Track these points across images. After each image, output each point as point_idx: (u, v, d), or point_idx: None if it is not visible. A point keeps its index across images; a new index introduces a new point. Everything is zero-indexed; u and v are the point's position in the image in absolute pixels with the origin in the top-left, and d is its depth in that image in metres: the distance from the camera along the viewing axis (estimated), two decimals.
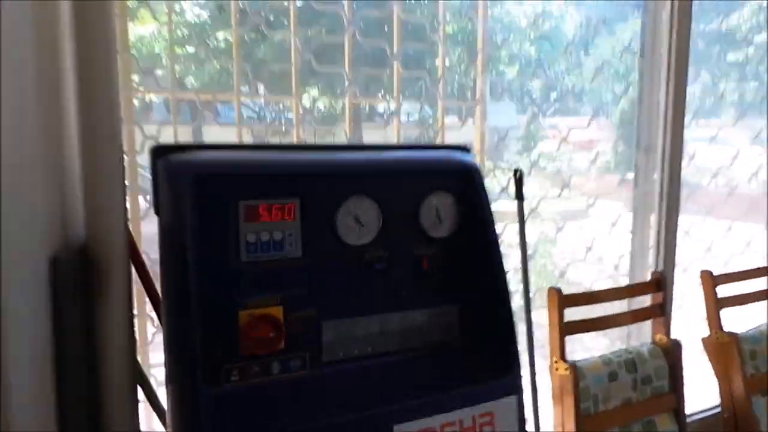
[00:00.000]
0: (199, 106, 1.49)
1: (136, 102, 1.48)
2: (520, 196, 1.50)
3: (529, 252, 1.55)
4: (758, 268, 2.06)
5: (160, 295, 0.78)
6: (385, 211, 0.84)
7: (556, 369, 1.62)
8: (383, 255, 0.85)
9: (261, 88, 1.69)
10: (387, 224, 0.85)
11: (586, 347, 1.83)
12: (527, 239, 1.50)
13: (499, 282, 0.87)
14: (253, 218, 0.77)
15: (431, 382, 0.82)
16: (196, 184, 0.72)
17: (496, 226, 0.89)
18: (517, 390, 0.83)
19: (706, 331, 1.99)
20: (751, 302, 2.03)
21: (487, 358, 0.87)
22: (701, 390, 2.07)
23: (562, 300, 1.62)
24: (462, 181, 0.89)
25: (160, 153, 0.76)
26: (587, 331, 1.68)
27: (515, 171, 1.47)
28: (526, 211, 1.52)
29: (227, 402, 0.75)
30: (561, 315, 1.62)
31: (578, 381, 1.61)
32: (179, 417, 0.73)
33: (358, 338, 0.85)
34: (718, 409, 2.14)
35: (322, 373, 0.83)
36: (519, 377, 0.84)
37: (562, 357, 1.62)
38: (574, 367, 1.60)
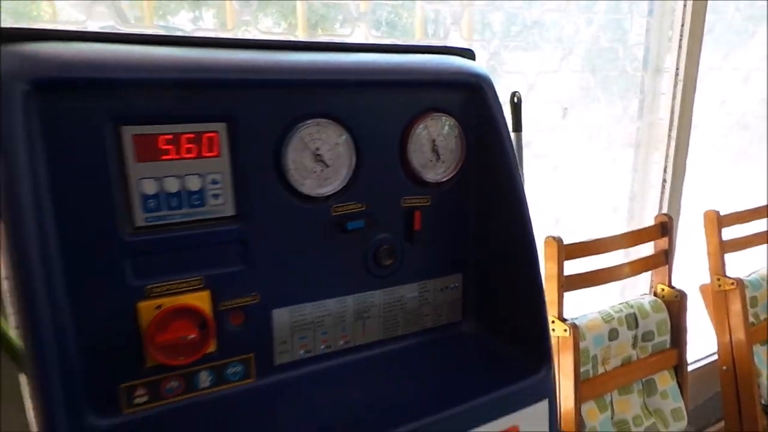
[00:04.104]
0: None
1: None
2: (518, 126, 1.23)
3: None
4: (766, 206, 1.89)
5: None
6: (360, 142, 0.57)
7: (554, 330, 1.42)
8: (359, 209, 0.58)
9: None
10: (363, 163, 0.57)
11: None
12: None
13: (524, 239, 0.61)
14: (151, 155, 0.48)
15: (433, 386, 0.58)
16: (40, 95, 0.42)
17: (517, 162, 0.62)
18: (549, 391, 0.60)
19: (695, 280, 1.83)
20: (756, 245, 1.87)
21: (507, 345, 0.63)
22: (693, 339, 1.93)
23: (562, 250, 1.40)
24: (468, 98, 0.61)
25: None
26: (588, 285, 1.47)
27: (512, 94, 1.19)
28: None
29: None
30: (561, 268, 1.40)
31: (578, 342, 1.42)
32: None
33: (326, 328, 0.59)
34: (709, 360, 2.03)
35: (276, 382, 0.57)
36: (551, 373, 0.60)
37: (561, 316, 1.42)
38: (574, 327, 1.40)
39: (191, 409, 0.53)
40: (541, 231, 1.45)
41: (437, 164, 0.62)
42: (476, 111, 0.62)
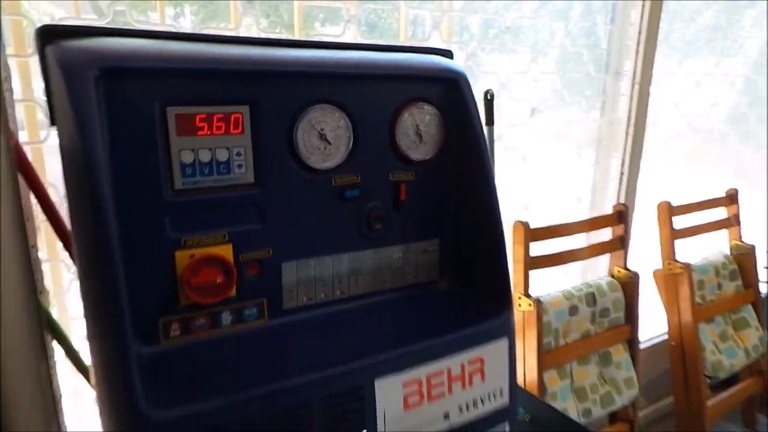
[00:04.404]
0: None
1: None
2: (490, 120, 1.36)
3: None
4: (713, 199, 2.07)
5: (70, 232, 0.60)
6: (357, 125, 0.68)
7: (520, 305, 1.56)
8: (355, 181, 0.70)
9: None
10: (359, 142, 0.69)
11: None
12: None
13: (491, 212, 0.74)
14: (189, 131, 0.59)
15: (413, 327, 0.70)
16: (105, 81, 0.53)
17: (487, 148, 0.75)
18: (509, 331, 0.73)
19: (649, 265, 2.00)
20: (704, 233, 2.05)
21: (475, 298, 0.76)
22: (646, 320, 2.10)
23: (528, 233, 1.54)
24: (447, 91, 0.74)
25: (50, 36, 0.55)
26: (551, 265, 1.62)
27: (486, 91, 1.33)
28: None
29: (166, 362, 0.60)
30: (527, 249, 1.55)
31: (541, 316, 1.57)
32: (106, 381, 0.57)
33: (325, 280, 0.71)
34: (661, 339, 2.21)
35: (284, 323, 0.69)
36: (511, 317, 0.73)
37: (526, 292, 1.57)
38: (538, 302, 1.55)
39: (215, 342, 0.64)
40: (510, 216, 1.59)
41: (420, 146, 0.74)
42: (454, 102, 0.74)
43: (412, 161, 0.73)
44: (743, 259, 2.12)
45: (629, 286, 1.76)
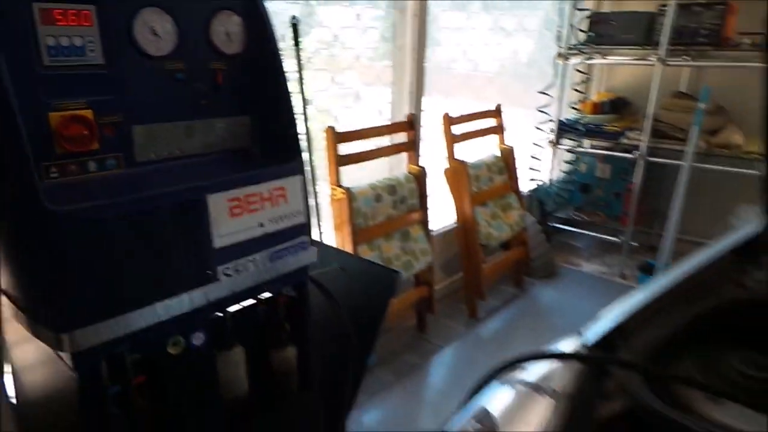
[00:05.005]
0: None
1: None
2: (296, 42, 1.68)
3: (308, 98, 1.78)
4: (482, 111, 2.66)
5: None
6: (179, 25, 0.95)
7: (334, 194, 1.96)
8: (182, 66, 0.98)
9: None
10: (182, 38, 0.96)
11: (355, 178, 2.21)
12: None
13: (284, 96, 1.07)
14: (50, 21, 0.81)
15: (234, 167, 1.02)
16: None
17: (279, 48, 1.07)
18: (300, 172, 1.08)
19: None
20: (478, 137, 2.64)
21: (277, 152, 1.10)
22: (444, 211, 2.68)
23: (336, 136, 1.92)
24: (247, 5, 1.03)
25: None
26: (358, 161, 2.04)
27: (291, 17, 1.64)
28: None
29: (53, 191, 0.84)
30: (335, 148, 1.93)
31: (352, 202, 1.98)
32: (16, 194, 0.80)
33: (166, 141, 0.99)
34: (454, 226, 2.82)
35: (138, 171, 0.95)
36: (301, 164, 1.08)
37: (338, 183, 1.96)
38: (348, 191, 1.96)
39: (83, 183, 0.89)
40: (323, 125, 1.95)
41: (230, 43, 1.03)
42: (252, 12, 1.04)
43: (225, 54, 1.03)
44: (507, 158, 2.78)
45: (420, 178, 2.27)
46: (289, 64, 1.82)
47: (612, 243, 3.26)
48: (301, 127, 1.82)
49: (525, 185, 3.21)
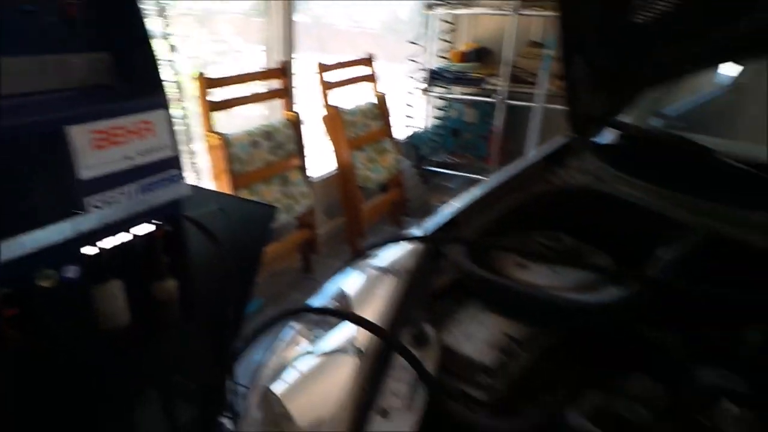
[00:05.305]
0: None
1: None
2: None
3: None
4: (355, 60, 2.75)
5: None
6: None
7: (209, 140, 1.96)
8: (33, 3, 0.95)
9: None
10: None
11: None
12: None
13: (142, 33, 1.07)
14: None
15: (98, 99, 1.02)
16: None
17: None
18: (166, 106, 1.11)
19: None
20: (348, 85, 2.73)
21: (140, 89, 1.11)
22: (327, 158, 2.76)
23: (206, 82, 1.91)
24: None
25: None
26: (230, 107, 2.05)
27: None
28: None
29: None
30: (205, 93, 1.92)
31: (227, 148, 2.00)
32: None
33: (17, 76, 0.97)
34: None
35: (5, 104, 0.93)
36: (165, 99, 1.10)
37: (212, 130, 1.97)
38: (223, 137, 1.97)
39: None
40: (193, 71, 1.93)
41: None
42: None
43: None
44: (382, 104, 2.91)
45: (296, 124, 2.32)
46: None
47: (480, 181, 3.57)
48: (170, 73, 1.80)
49: (402, 132, 3.39)
